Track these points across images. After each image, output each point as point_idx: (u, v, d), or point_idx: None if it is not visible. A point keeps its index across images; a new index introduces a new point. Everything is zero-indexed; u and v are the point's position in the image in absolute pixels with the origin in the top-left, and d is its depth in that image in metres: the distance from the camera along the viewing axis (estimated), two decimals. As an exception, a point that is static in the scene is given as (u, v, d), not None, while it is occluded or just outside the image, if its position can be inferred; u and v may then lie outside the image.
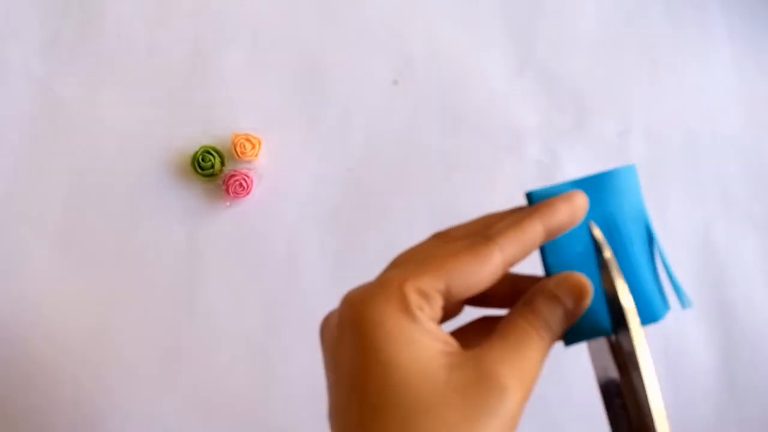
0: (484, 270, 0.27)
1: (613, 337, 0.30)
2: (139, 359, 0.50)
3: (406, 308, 0.26)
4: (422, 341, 0.26)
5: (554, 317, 0.28)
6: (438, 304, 0.27)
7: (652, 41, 0.57)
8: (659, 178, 0.54)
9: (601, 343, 0.30)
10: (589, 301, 0.29)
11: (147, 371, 0.50)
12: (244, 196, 0.52)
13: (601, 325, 0.30)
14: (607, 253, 0.29)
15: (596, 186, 0.31)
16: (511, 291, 0.32)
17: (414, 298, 0.26)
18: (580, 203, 0.29)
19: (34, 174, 0.53)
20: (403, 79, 0.56)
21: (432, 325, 0.27)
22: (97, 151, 0.54)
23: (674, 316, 0.52)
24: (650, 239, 0.31)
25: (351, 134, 0.54)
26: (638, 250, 0.31)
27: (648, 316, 0.30)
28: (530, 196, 0.31)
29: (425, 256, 0.28)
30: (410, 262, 0.28)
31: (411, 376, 0.25)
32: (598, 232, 0.30)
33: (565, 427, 0.49)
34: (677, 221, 0.53)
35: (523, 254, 0.29)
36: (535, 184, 0.53)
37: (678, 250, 0.52)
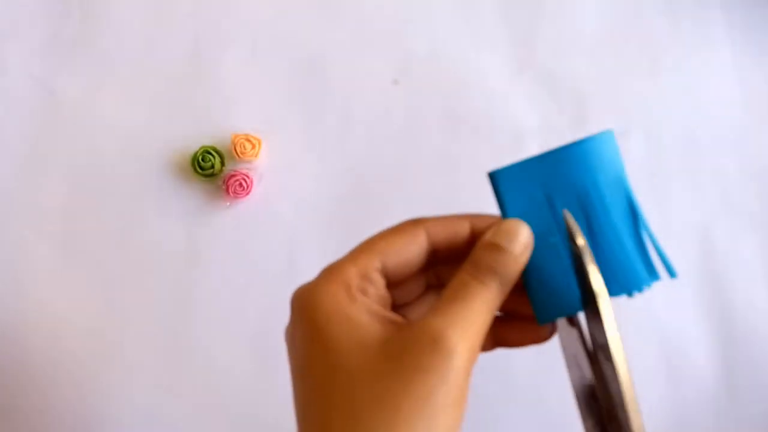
0: (411, 246, 0.29)
1: (584, 327, 0.30)
2: (139, 359, 0.50)
3: (346, 291, 0.28)
4: (360, 319, 0.27)
5: (497, 263, 0.28)
6: (380, 283, 0.29)
7: (652, 41, 0.57)
8: (659, 179, 0.54)
9: (571, 332, 0.30)
10: (531, 242, 0.29)
11: (147, 371, 0.50)
12: (244, 196, 0.52)
13: (571, 303, 0.29)
14: (580, 241, 0.29)
15: (570, 156, 0.30)
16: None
17: (353, 281, 0.28)
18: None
19: (34, 174, 0.53)
20: (403, 79, 0.56)
21: (374, 304, 0.28)
22: (97, 151, 0.54)
23: (674, 316, 0.52)
24: (632, 208, 0.30)
25: (351, 134, 0.54)
26: (618, 219, 0.30)
27: (629, 285, 0.30)
28: (493, 177, 0.31)
29: (362, 242, 0.30)
30: (351, 250, 0.30)
31: (349, 351, 0.26)
32: (571, 220, 0.29)
33: (564, 423, 0.49)
34: (677, 221, 0.53)
35: (447, 240, 0.30)
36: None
37: (678, 250, 0.52)
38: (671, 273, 0.30)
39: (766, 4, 0.58)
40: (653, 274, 0.30)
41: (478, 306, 0.27)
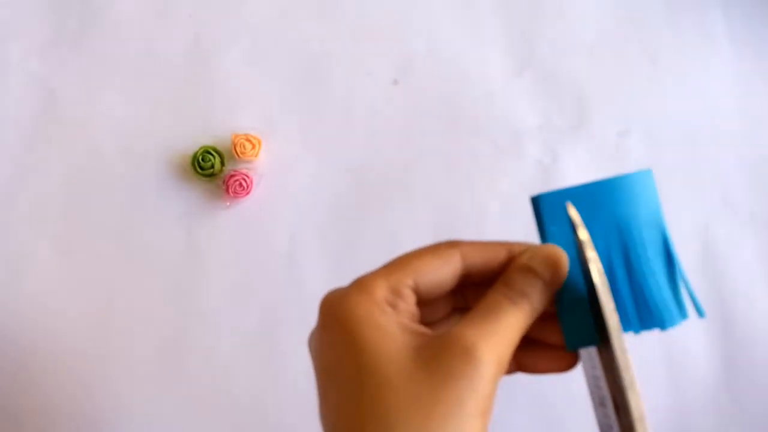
0: (445, 268, 0.30)
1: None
2: (139, 359, 0.50)
3: (377, 303, 0.28)
4: (392, 329, 0.28)
5: (530, 287, 0.29)
6: (410, 299, 0.29)
7: (652, 41, 0.57)
8: (659, 179, 0.54)
9: (591, 350, 0.30)
10: (565, 270, 0.30)
11: (147, 371, 0.50)
12: (244, 196, 0.52)
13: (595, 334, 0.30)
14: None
15: (609, 190, 0.31)
16: None
17: (384, 294, 0.28)
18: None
19: (34, 174, 0.53)
20: (403, 78, 0.56)
21: (404, 318, 0.28)
22: (97, 151, 0.54)
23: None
24: (666, 247, 0.31)
25: (351, 134, 0.54)
26: (652, 256, 0.31)
27: (662, 320, 0.30)
28: (536, 201, 0.31)
29: (397, 258, 0.30)
30: (385, 265, 0.30)
31: (381, 357, 0.27)
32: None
33: (568, 428, 0.49)
34: (677, 221, 0.53)
35: (482, 265, 0.30)
36: (535, 184, 0.54)
37: (678, 250, 0.52)
38: (700, 313, 0.31)
39: (766, 5, 0.58)
40: (683, 313, 0.31)
41: (508, 324, 0.28)
